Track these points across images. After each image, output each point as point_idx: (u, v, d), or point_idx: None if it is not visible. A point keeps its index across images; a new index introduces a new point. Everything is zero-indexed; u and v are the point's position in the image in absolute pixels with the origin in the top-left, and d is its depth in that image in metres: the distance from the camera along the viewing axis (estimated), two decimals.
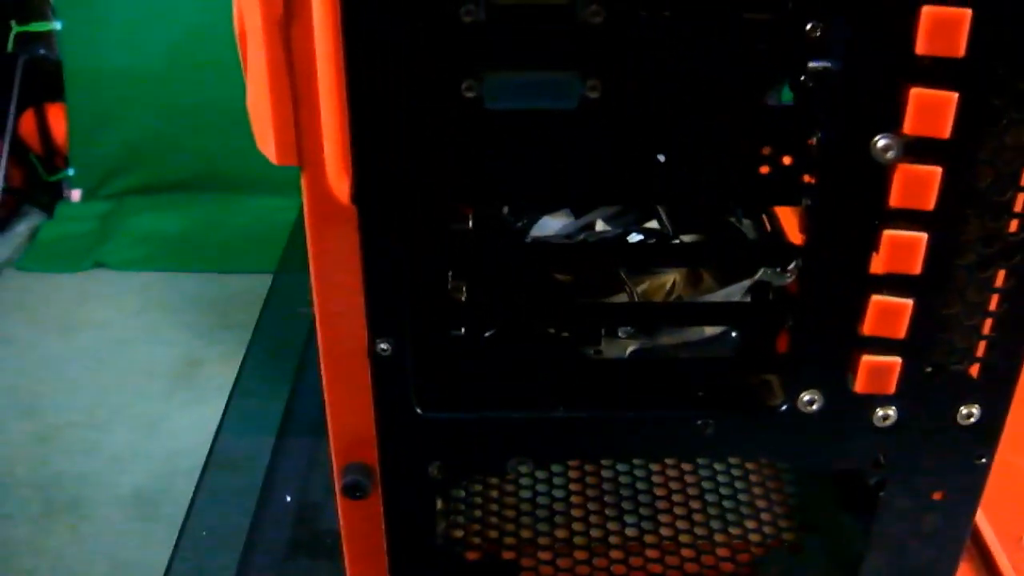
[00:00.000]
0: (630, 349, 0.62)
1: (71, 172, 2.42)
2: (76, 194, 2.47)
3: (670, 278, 0.67)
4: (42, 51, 2.43)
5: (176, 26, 2.26)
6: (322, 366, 0.54)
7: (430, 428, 0.56)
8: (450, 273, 0.56)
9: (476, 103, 0.50)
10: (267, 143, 0.49)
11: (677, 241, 0.70)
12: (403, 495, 0.58)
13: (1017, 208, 0.52)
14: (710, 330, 0.65)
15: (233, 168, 2.31)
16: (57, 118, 2.45)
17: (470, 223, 0.59)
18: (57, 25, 2.28)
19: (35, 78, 2.42)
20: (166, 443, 1.86)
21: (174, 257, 2.28)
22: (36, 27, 2.31)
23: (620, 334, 0.65)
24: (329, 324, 0.53)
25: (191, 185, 2.38)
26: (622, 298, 0.65)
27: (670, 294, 0.68)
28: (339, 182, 0.49)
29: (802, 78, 0.51)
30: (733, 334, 0.65)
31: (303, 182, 0.50)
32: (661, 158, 0.52)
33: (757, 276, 0.62)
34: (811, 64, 0.50)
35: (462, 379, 0.57)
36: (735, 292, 0.64)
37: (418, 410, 0.55)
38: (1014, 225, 0.52)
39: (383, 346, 0.53)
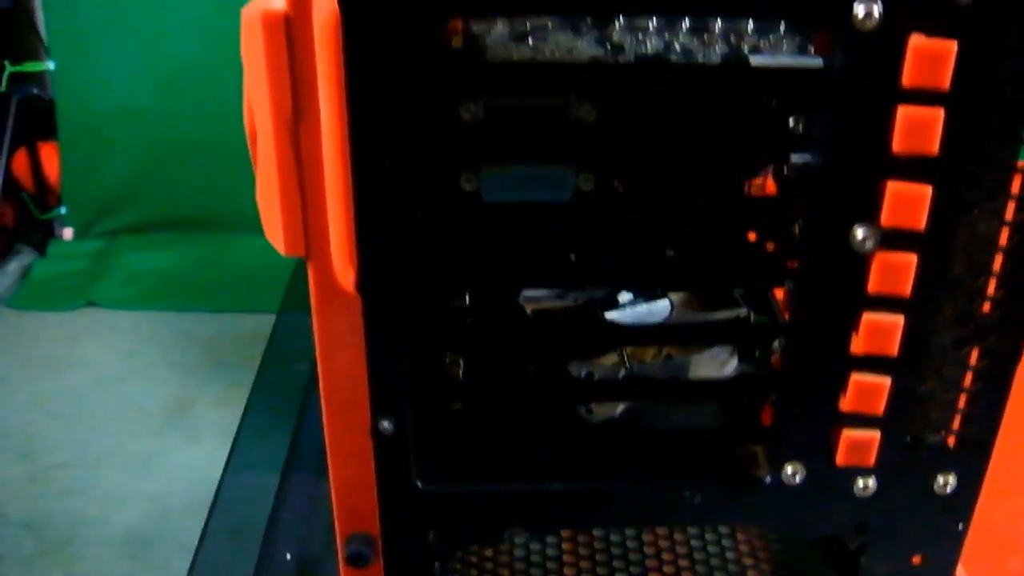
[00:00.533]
0: (620, 408, 0.64)
1: (63, 210, 2.44)
2: (68, 232, 2.48)
3: None
4: (35, 91, 2.45)
5: (168, 66, 2.29)
6: (327, 443, 0.57)
7: (430, 501, 0.58)
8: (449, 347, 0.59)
9: (474, 196, 0.52)
10: (275, 234, 0.52)
11: (668, 300, 0.72)
12: (404, 563, 0.60)
13: (989, 291, 0.54)
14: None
15: (223, 207, 2.34)
16: (50, 157, 2.48)
17: (467, 299, 0.61)
18: (51, 65, 2.31)
19: (28, 117, 2.44)
20: (158, 483, 1.88)
21: (165, 296, 2.30)
22: (30, 67, 2.34)
23: None
24: (334, 403, 0.56)
25: (182, 224, 2.40)
26: (612, 357, 0.67)
27: (659, 354, 0.70)
28: (344, 272, 0.51)
29: (785, 169, 0.54)
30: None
31: (310, 271, 0.52)
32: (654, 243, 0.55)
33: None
34: (793, 157, 0.53)
35: (460, 454, 0.59)
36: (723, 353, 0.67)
37: (418, 484, 0.57)
38: (987, 307, 0.55)
39: (385, 424, 0.56)
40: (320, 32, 0.47)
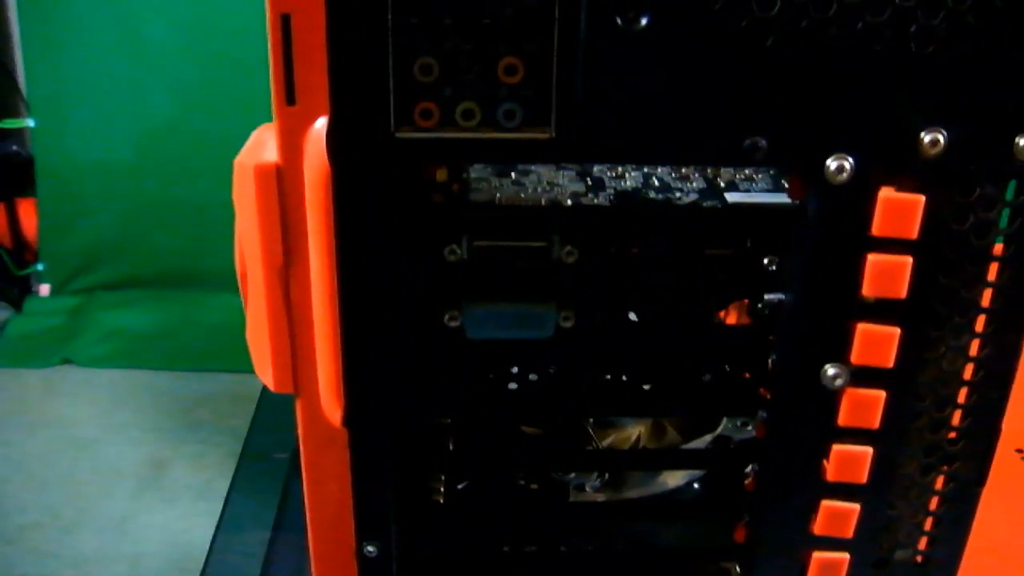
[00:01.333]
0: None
1: (40, 267, 2.44)
2: (45, 289, 2.48)
3: (635, 431, 0.72)
4: (15, 148, 2.46)
5: (147, 124, 2.30)
6: (312, 565, 0.58)
7: None
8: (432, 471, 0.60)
9: (458, 332, 0.54)
10: (265, 371, 0.53)
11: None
12: None
13: (955, 422, 0.57)
14: (673, 483, 0.69)
15: (201, 265, 2.35)
16: (28, 213, 2.48)
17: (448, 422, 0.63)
18: (31, 123, 2.32)
19: (7, 174, 2.45)
20: (133, 545, 1.87)
21: (142, 355, 2.30)
22: (9, 124, 2.34)
23: (587, 488, 0.69)
24: (320, 528, 0.57)
25: (160, 281, 2.41)
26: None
27: (635, 446, 0.72)
28: (332, 408, 0.53)
29: (759, 306, 0.56)
30: (696, 485, 0.70)
31: (298, 406, 0.54)
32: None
33: (719, 430, 0.67)
34: (767, 295, 0.55)
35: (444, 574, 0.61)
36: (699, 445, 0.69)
37: None
38: (952, 435, 0.57)
39: (370, 548, 0.57)
40: (311, 184, 0.49)
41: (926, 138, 0.50)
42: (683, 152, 0.51)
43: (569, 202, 0.55)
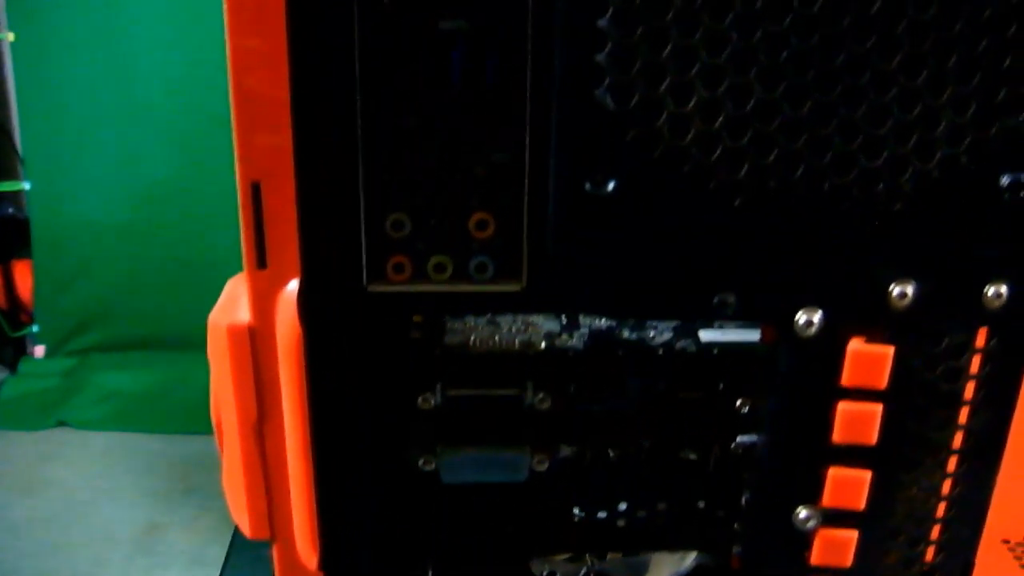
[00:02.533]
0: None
1: (35, 328, 2.45)
2: (40, 350, 2.49)
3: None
4: (11, 210, 2.47)
5: (141, 185, 2.32)
6: None
7: None
8: None
9: (433, 477, 0.55)
10: (241, 518, 0.54)
11: None
12: None
13: (928, 558, 0.57)
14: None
15: (196, 326, 2.34)
16: (23, 274, 2.49)
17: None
18: (26, 185, 2.33)
19: (3, 235, 2.46)
20: None
21: (137, 417, 2.31)
22: (6, 187, 2.36)
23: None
24: None
25: (155, 343, 2.41)
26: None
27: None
28: (308, 554, 0.53)
29: (732, 446, 0.56)
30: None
31: (275, 552, 0.54)
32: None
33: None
34: (740, 438, 0.55)
35: None
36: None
37: None
38: (926, 571, 0.57)
39: None
40: (284, 345, 0.49)
41: (895, 291, 0.50)
42: (652, 308, 0.51)
43: (543, 344, 0.56)
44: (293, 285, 0.48)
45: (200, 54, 2.25)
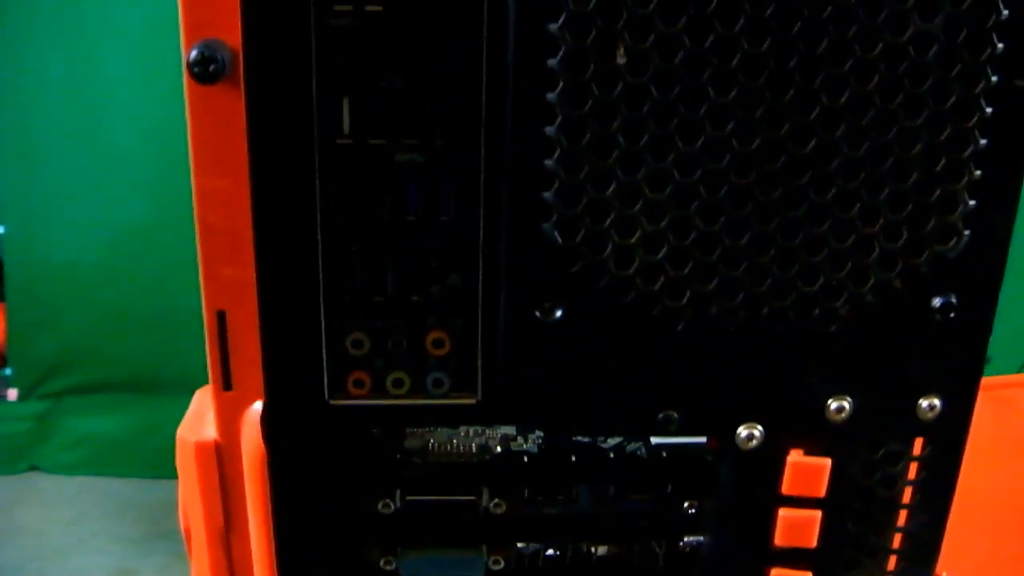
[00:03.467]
0: None
1: (8, 371, 2.45)
2: (13, 393, 2.50)
3: None
4: None
5: (115, 230, 2.33)
6: None
7: None
8: None
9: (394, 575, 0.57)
10: None
11: None
12: None
13: None
14: None
15: (171, 370, 2.36)
16: None
17: None
18: (0, 229, 2.34)
19: None
20: None
21: (110, 461, 2.32)
22: None
23: None
24: None
25: (129, 386, 2.43)
26: None
27: None
28: None
29: (680, 545, 0.59)
30: None
31: None
32: None
33: None
34: (687, 538, 0.58)
35: None
36: None
37: None
38: None
39: None
40: (248, 462, 0.52)
41: (832, 405, 0.53)
42: (599, 424, 0.54)
43: (499, 448, 0.58)
44: (257, 406, 0.50)
45: (174, 101, 2.26)
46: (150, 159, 2.33)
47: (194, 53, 0.43)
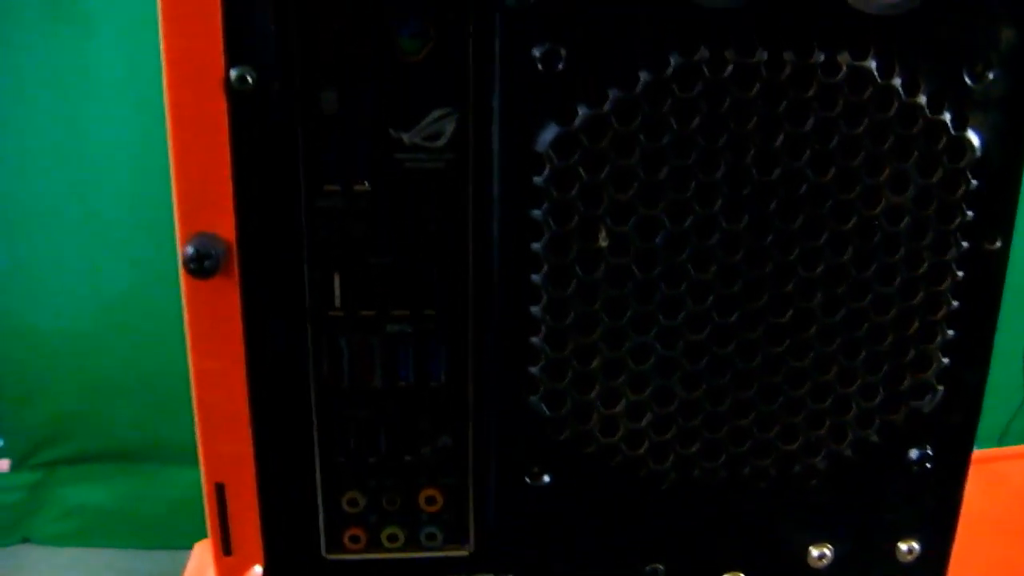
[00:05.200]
0: None
1: (0, 442, 2.45)
2: (5, 464, 2.49)
3: None
4: None
5: (104, 298, 2.34)
6: None
7: None
8: None
9: None
10: None
11: None
12: None
13: None
14: None
15: (163, 438, 2.37)
16: None
17: None
18: None
19: None
20: None
21: (103, 532, 2.31)
22: None
23: None
24: None
25: (121, 455, 2.42)
26: None
27: None
28: None
29: None
30: None
31: None
32: None
33: None
34: None
35: None
36: None
37: None
38: None
39: None
40: None
41: (814, 552, 0.55)
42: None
43: None
44: (258, 570, 0.52)
45: (161, 169, 2.28)
46: (136, 227, 2.34)
47: (189, 250, 0.45)
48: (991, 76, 0.48)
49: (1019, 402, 2.19)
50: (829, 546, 0.54)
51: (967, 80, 0.48)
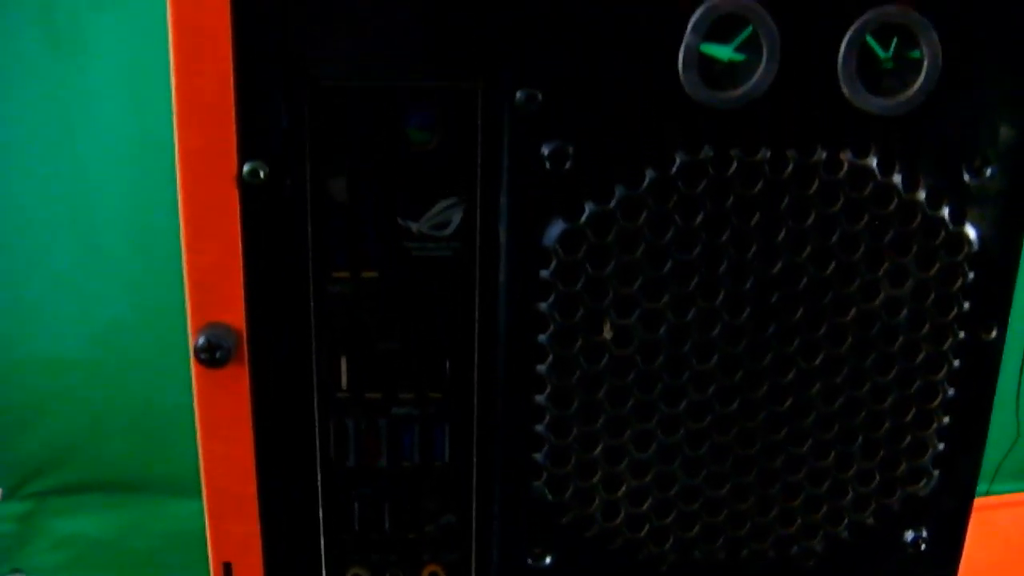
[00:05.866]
0: None
1: None
2: None
3: None
4: None
5: (98, 326, 2.34)
6: None
7: None
8: None
9: None
10: None
11: None
12: None
13: None
14: None
15: (155, 470, 2.36)
16: None
17: None
18: None
19: None
20: None
21: (94, 563, 2.30)
22: None
23: None
24: None
25: (114, 486, 2.42)
26: None
27: None
28: None
29: None
30: None
31: None
32: None
33: None
34: None
35: None
36: None
37: None
38: None
39: None
40: None
41: None
42: None
43: None
44: None
45: (160, 198, 2.28)
46: (136, 256, 2.34)
47: (200, 340, 0.46)
48: (989, 172, 0.49)
49: (1011, 441, 2.20)
50: None
51: (965, 176, 0.49)
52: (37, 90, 2.22)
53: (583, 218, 0.46)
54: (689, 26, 0.45)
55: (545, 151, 0.45)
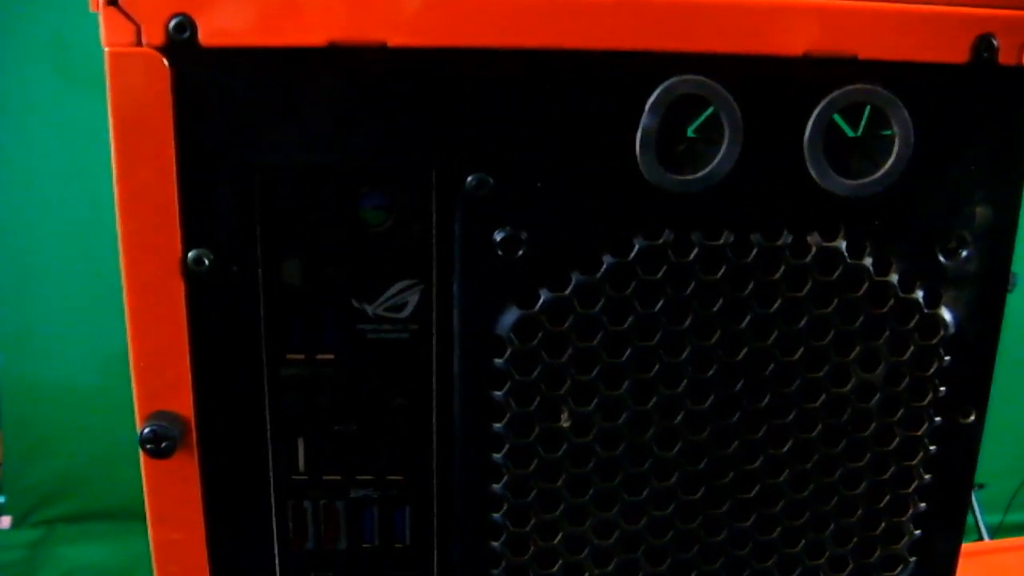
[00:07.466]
0: None
1: (2, 499, 2.45)
2: (6, 521, 2.49)
3: None
4: None
5: (111, 354, 2.32)
6: None
7: None
8: None
9: None
10: None
11: None
12: None
13: None
14: None
15: None
16: None
17: None
18: None
19: None
20: None
21: None
22: None
23: None
24: None
25: (123, 514, 2.41)
26: None
27: None
28: None
29: None
30: None
31: None
32: None
33: None
34: None
35: None
36: None
37: None
38: None
39: None
40: None
41: None
42: None
43: None
44: None
45: None
46: None
47: (146, 431, 0.45)
48: (964, 254, 0.47)
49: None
50: None
51: (940, 258, 0.47)
52: (47, 120, 2.23)
53: (538, 305, 0.45)
54: (646, 107, 0.43)
55: (497, 238, 0.44)
